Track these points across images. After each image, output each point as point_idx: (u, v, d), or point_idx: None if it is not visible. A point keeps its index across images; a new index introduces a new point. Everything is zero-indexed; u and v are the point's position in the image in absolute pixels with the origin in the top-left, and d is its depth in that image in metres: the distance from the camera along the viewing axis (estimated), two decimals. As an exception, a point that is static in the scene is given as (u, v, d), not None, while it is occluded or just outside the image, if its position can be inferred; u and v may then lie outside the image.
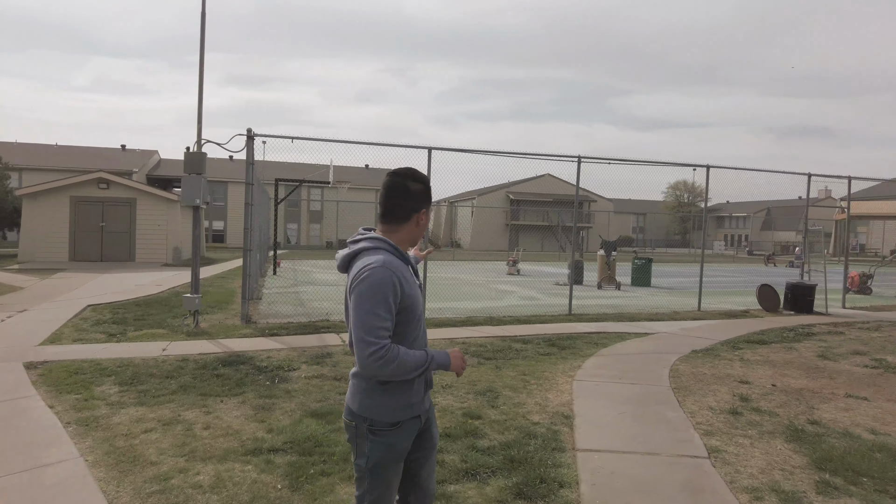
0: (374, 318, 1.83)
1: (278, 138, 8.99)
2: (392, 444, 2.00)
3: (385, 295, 1.85)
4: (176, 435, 4.10)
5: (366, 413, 1.98)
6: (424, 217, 2.08)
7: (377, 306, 1.84)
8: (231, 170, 45.29)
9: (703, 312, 11.31)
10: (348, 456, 3.78)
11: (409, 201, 2.04)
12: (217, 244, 43.22)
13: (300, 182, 17.83)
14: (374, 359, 1.82)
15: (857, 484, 3.60)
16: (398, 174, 2.05)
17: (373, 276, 1.86)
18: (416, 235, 2.08)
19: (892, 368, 6.78)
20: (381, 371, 1.85)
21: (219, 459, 3.70)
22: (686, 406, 5.10)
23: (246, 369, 5.95)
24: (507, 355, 6.93)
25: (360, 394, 2.00)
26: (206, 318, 8.92)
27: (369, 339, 1.82)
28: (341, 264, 2.06)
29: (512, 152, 10.39)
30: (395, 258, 1.96)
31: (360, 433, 2.00)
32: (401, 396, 2.01)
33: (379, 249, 1.97)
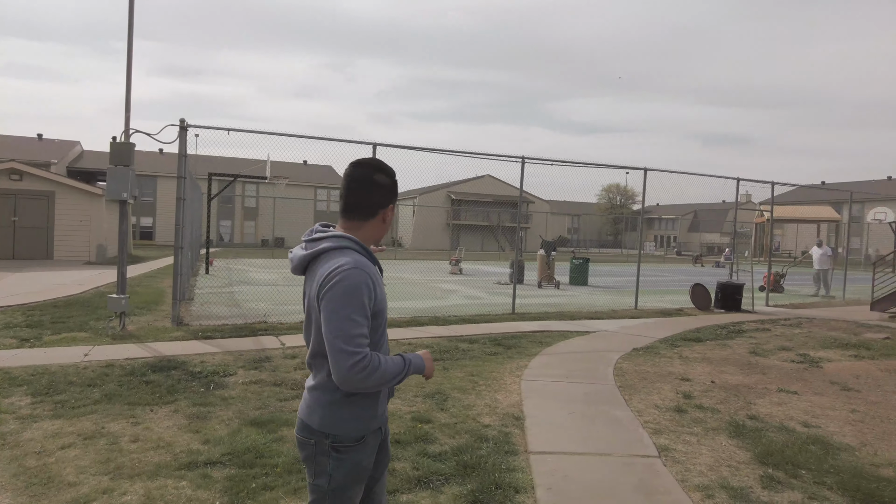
0: (352, 325, 1.65)
1: (213, 130, 8.54)
2: (357, 462, 1.83)
3: (360, 299, 1.68)
4: (99, 450, 3.73)
5: (328, 429, 1.79)
6: (391, 213, 1.91)
7: (354, 312, 1.67)
8: (161, 163, 43.14)
9: (640, 311, 11.64)
10: (293, 467, 3.56)
11: (375, 195, 1.85)
12: (145, 241, 41.07)
13: (235, 177, 17.11)
14: (357, 370, 1.64)
15: (798, 477, 3.72)
16: (363, 165, 1.86)
17: (347, 278, 1.68)
18: (381, 233, 1.91)
19: (815, 363, 7.15)
20: (364, 383, 1.67)
21: (149, 476, 3.39)
22: (633, 404, 5.15)
23: (178, 375, 5.56)
24: (454, 356, 6.83)
25: (322, 408, 1.81)
26: (134, 320, 8.34)
27: (349, 348, 1.64)
28: (297, 266, 1.86)
29: (457, 151, 10.32)
30: (364, 258, 1.79)
31: (320, 451, 1.81)
32: (367, 408, 1.84)
33: (346, 249, 1.78)
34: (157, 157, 44.97)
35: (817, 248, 16.62)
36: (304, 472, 3.50)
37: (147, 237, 42.52)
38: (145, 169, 39.88)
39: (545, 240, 18.11)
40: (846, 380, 6.35)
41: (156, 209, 42.92)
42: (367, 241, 1.88)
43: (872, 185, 49.87)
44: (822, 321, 10.95)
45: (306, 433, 1.83)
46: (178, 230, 7.94)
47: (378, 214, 1.87)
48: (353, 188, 1.84)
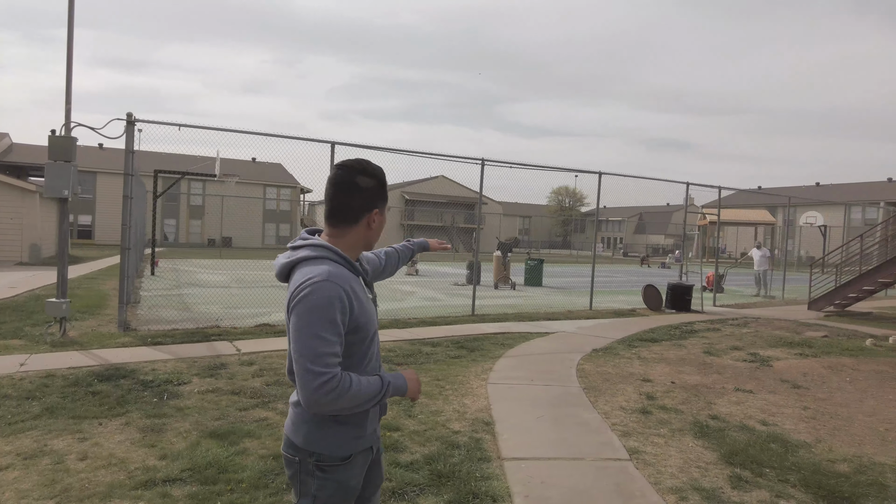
0: (320, 343, 1.54)
1: (162, 125, 8.12)
2: (344, 482, 1.72)
3: (331, 314, 1.56)
4: (42, 471, 3.44)
5: (313, 447, 1.69)
6: (378, 217, 1.77)
7: (323, 328, 1.55)
8: (102, 159, 41.15)
9: (595, 311, 11.84)
10: (259, 482, 3.39)
11: (357, 199, 1.72)
12: (84, 240, 39.04)
13: (183, 174, 16.44)
14: (323, 392, 1.52)
15: (763, 475, 3.81)
16: (345, 167, 1.74)
17: (315, 292, 1.56)
18: (368, 239, 1.79)
19: (765, 362, 7.43)
20: (333, 405, 1.55)
21: (101, 497, 3.14)
22: (599, 407, 5.19)
23: (128, 384, 5.24)
24: (417, 360, 6.72)
25: (306, 424, 1.70)
26: (76, 326, 7.85)
27: (315, 368, 1.52)
28: (280, 273, 1.75)
29: (418, 152, 10.22)
30: (342, 269, 1.66)
31: (305, 470, 1.70)
32: (355, 427, 1.73)
33: (322, 259, 1.66)
34: (97, 153, 42.88)
35: (756, 250, 17.34)
36: (272, 487, 3.33)
37: (86, 236, 40.43)
38: (84, 164, 37.89)
39: (501, 241, 18.23)
40: (795, 378, 6.61)
41: (95, 207, 40.88)
42: (353, 248, 1.76)
43: (802, 190, 52.73)
44: (767, 321, 11.42)
45: (291, 450, 1.72)
46: (126, 229, 7.51)
47: (362, 220, 1.74)
48: (335, 192, 1.72)
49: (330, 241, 1.73)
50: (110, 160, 41.43)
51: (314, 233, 1.79)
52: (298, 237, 1.78)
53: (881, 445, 4.53)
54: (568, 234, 79.30)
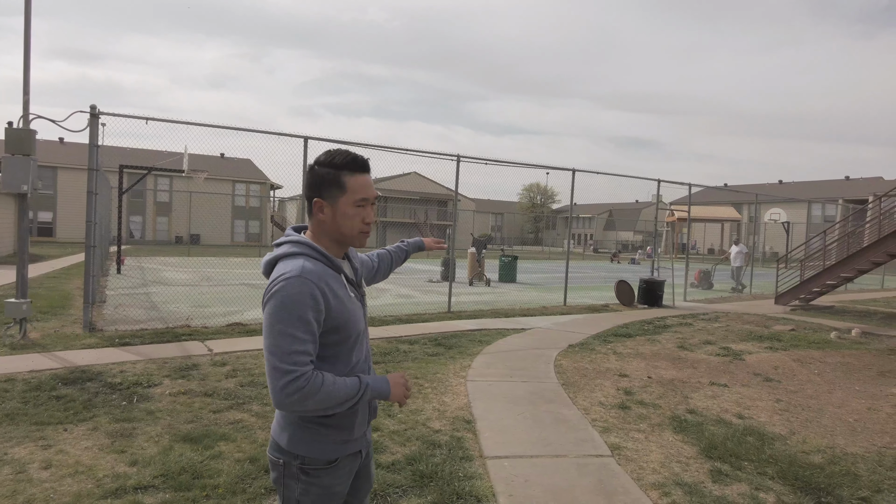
0: (289, 341, 1.48)
1: (128, 118, 7.84)
2: (329, 487, 1.66)
3: (301, 311, 1.50)
4: (2, 482, 3.26)
5: (297, 450, 1.63)
6: (327, 208, 1.64)
7: (292, 325, 1.49)
8: (63, 154, 39.80)
9: (570, 307, 11.92)
10: (236, 487, 3.27)
11: (307, 189, 1.67)
12: (45, 238, 37.77)
13: (149, 170, 15.97)
14: (290, 391, 1.46)
15: (742, 468, 3.85)
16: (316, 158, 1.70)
17: (285, 289, 1.51)
18: (328, 231, 1.66)
19: (738, 355, 7.56)
20: (300, 406, 1.49)
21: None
22: (578, 403, 5.20)
23: (94, 387, 5.03)
24: (395, 358, 6.64)
25: (292, 426, 1.64)
26: (38, 327, 7.53)
27: (283, 366, 1.47)
28: (264, 270, 1.69)
29: (393, 147, 10.11)
30: (319, 265, 1.60)
31: (289, 473, 1.64)
32: (342, 430, 1.66)
33: (296, 255, 1.60)
34: (58, 147, 41.52)
35: (734, 246, 17.67)
36: (249, 492, 3.23)
37: (47, 234, 39.12)
38: (44, 159, 36.63)
39: (476, 238, 18.23)
40: (767, 371, 6.74)
41: (56, 203, 39.55)
42: (329, 243, 1.67)
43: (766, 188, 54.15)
44: (736, 315, 11.66)
45: (276, 453, 1.67)
46: (90, 227, 7.23)
47: (313, 210, 1.66)
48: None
49: (310, 237, 1.68)
50: (72, 155, 40.11)
51: (301, 230, 1.73)
52: (284, 234, 1.73)
53: (851, 436, 4.64)
54: (539, 231, 79.96)
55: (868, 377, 6.64)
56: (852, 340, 9.09)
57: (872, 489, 3.61)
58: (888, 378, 6.63)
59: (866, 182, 49.21)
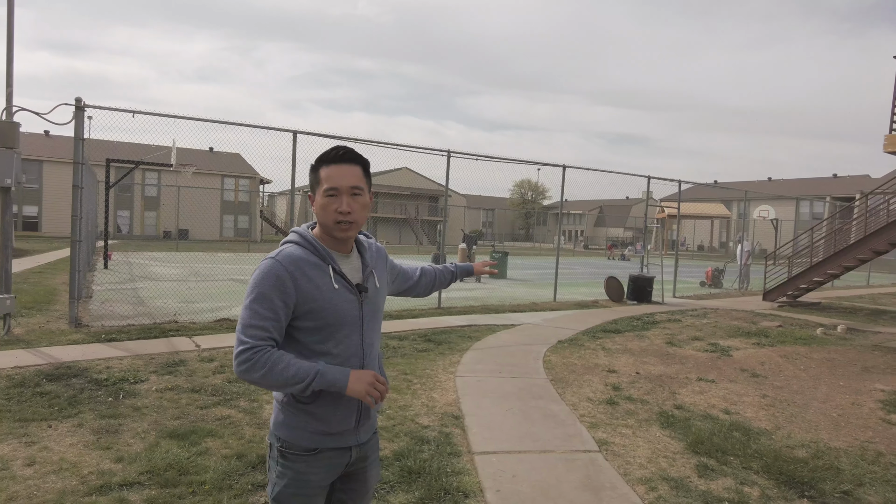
0: (250, 314, 1.59)
1: (115, 112, 7.75)
2: (302, 474, 1.66)
3: (265, 289, 1.60)
4: (-13, 477, 3.23)
5: (279, 432, 1.71)
6: (321, 198, 1.70)
7: (256, 301, 1.60)
8: (48, 147, 39.35)
9: (559, 303, 11.95)
10: (223, 483, 3.26)
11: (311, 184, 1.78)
12: (30, 233, 37.32)
13: (137, 164, 15.81)
14: (240, 360, 1.56)
15: (727, 463, 3.88)
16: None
17: (259, 268, 1.65)
18: (320, 224, 1.73)
19: (725, 351, 7.63)
20: (247, 376, 1.57)
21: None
22: (566, 398, 5.22)
23: (80, 384, 4.98)
24: (385, 354, 6.63)
25: (277, 408, 1.74)
26: (22, 323, 7.45)
27: (240, 336, 1.59)
28: None
29: (382, 142, 10.07)
30: (299, 250, 1.67)
31: (271, 454, 1.74)
32: (318, 420, 1.67)
33: (287, 243, 1.72)
34: (43, 140, 41.02)
35: (740, 245, 17.67)
36: (236, 488, 3.21)
37: (32, 228, 38.65)
38: (29, 152, 36.18)
39: (467, 233, 18.24)
40: (753, 367, 6.80)
41: (42, 197, 39.07)
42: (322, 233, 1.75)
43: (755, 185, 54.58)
44: (725, 311, 11.75)
45: (270, 435, 1.76)
46: (76, 221, 7.15)
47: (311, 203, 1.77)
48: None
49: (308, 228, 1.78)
50: (58, 148, 39.63)
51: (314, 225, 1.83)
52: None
53: (834, 430, 4.69)
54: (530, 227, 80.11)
55: (852, 373, 6.72)
56: (838, 337, 9.19)
57: (854, 483, 3.66)
58: (872, 374, 6.71)
59: (853, 180, 49.73)
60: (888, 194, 13.09)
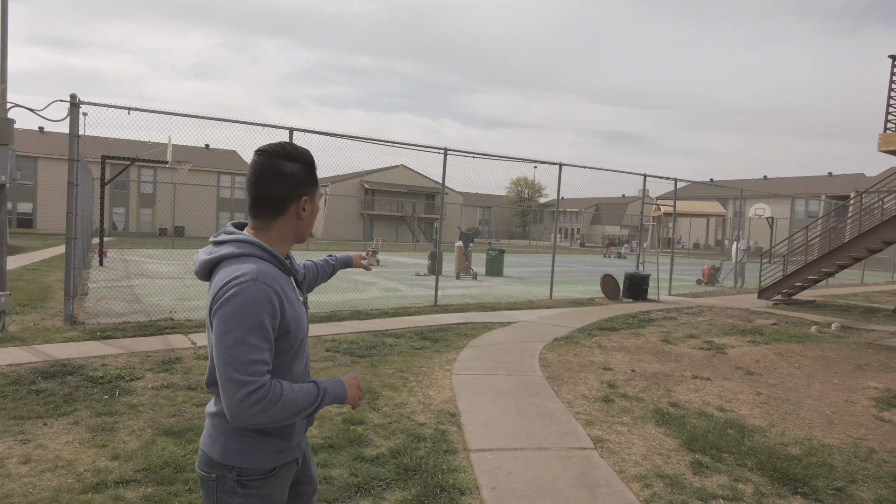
0: (247, 350, 1.39)
1: (110, 108, 7.71)
2: (267, 497, 1.57)
3: (259, 318, 1.41)
4: (-18, 474, 3.23)
5: (233, 461, 1.53)
6: (309, 206, 1.61)
7: (249, 333, 1.40)
8: (43, 144, 39.18)
9: (555, 301, 11.98)
10: (219, 481, 3.25)
11: (283, 188, 1.55)
12: (25, 229, 37.17)
13: (132, 161, 15.76)
14: (249, 402, 1.37)
15: (722, 460, 3.91)
16: (266, 152, 1.55)
17: (242, 293, 1.41)
18: (299, 231, 1.62)
19: (720, 349, 7.66)
20: (260, 417, 1.41)
21: (48, 503, 2.96)
22: (562, 396, 5.23)
23: (75, 381, 4.98)
24: (381, 351, 6.64)
25: (225, 436, 1.54)
26: (17, 320, 7.42)
27: (241, 377, 1.37)
28: (200, 271, 1.57)
29: (379, 140, 10.05)
30: (271, 267, 1.51)
31: (223, 488, 1.53)
32: (280, 439, 1.58)
33: (248, 257, 1.50)
34: (38, 137, 40.86)
35: (735, 243, 17.66)
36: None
37: (27, 225, 38.50)
38: (23, 149, 36.02)
39: (463, 231, 18.23)
40: (748, 364, 6.83)
41: (36, 194, 38.90)
42: (281, 243, 1.60)
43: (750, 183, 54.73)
44: (720, 309, 11.80)
45: (208, 467, 1.55)
46: (71, 218, 7.13)
47: (290, 210, 1.57)
48: (257, 181, 1.54)
49: (256, 236, 1.57)
50: (53, 145, 39.46)
51: (240, 226, 1.63)
52: (222, 230, 1.61)
53: (828, 428, 4.72)
54: (527, 225, 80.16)
55: (846, 370, 6.76)
56: (832, 334, 9.24)
57: (847, 479, 3.69)
58: (865, 371, 6.75)
59: (848, 178, 49.93)
60: (882, 193, 13.15)
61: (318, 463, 3.56)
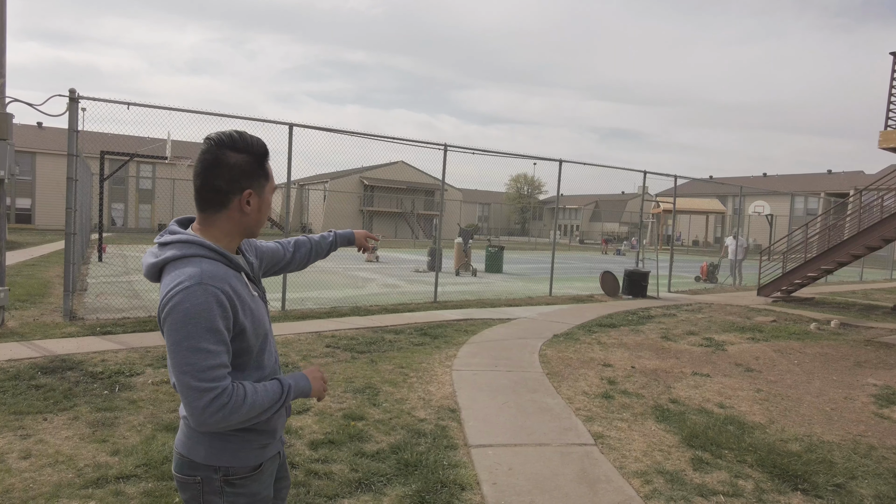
0: (202, 356, 1.33)
1: (109, 103, 7.69)
2: (256, 493, 1.55)
3: (210, 322, 1.35)
4: (-18, 469, 3.22)
5: (218, 461, 1.48)
6: (255, 200, 1.51)
7: (201, 339, 1.34)
8: (41, 139, 39.09)
9: (555, 297, 11.98)
10: (219, 476, 3.25)
11: (221, 179, 1.45)
12: (23, 225, 37.11)
13: (131, 156, 15.72)
14: (212, 409, 1.33)
15: (722, 457, 3.91)
16: (210, 140, 1.47)
17: (188, 299, 1.34)
18: (246, 226, 1.53)
19: (720, 346, 7.66)
20: (226, 422, 1.36)
21: (47, 498, 2.95)
22: (562, 392, 5.24)
23: (75, 377, 4.97)
24: (380, 347, 6.64)
25: (208, 437, 1.48)
26: (16, 315, 7.41)
27: (201, 384, 1.32)
28: (149, 275, 1.50)
29: (378, 135, 10.04)
30: (218, 266, 1.43)
31: (209, 489, 1.48)
32: (264, 434, 1.55)
33: (191, 258, 1.42)
34: (36, 132, 40.75)
35: (733, 240, 17.51)
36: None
37: (25, 220, 38.43)
38: (21, 144, 35.94)
39: (463, 228, 18.22)
40: (748, 361, 6.84)
41: (35, 189, 38.82)
42: (227, 238, 1.51)
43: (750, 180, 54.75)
44: (719, 306, 11.81)
45: (188, 470, 1.49)
46: (71, 214, 7.11)
47: (232, 204, 1.47)
48: (199, 171, 1.46)
49: (200, 232, 1.49)
50: (51, 140, 39.37)
51: (187, 223, 1.56)
52: (166, 230, 1.52)
53: (828, 424, 4.73)
54: (526, 222, 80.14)
55: (845, 367, 6.77)
56: (831, 331, 9.25)
57: (847, 476, 3.69)
58: (864, 368, 6.76)
59: (848, 176, 49.94)
60: (882, 191, 13.16)
61: (319, 458, 3.56)
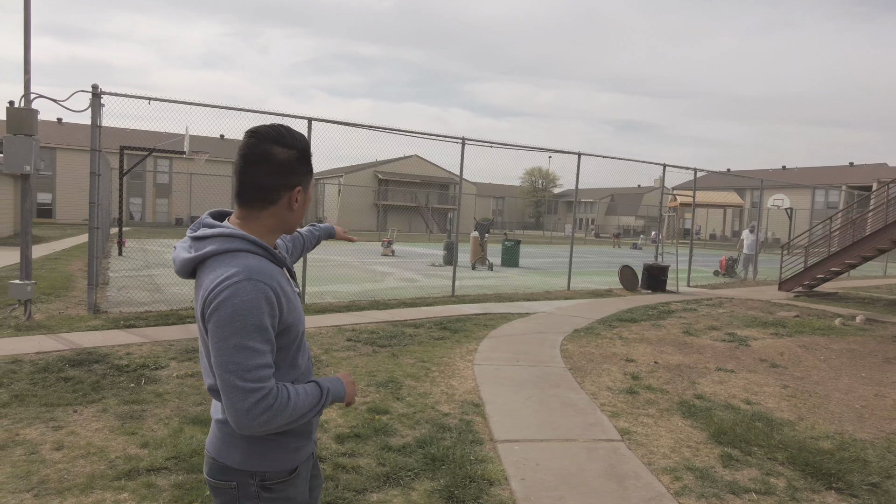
0: (249, 355, 1.29)
1: (131, 98, 7.75)
2: (293, 497, 1.51)
3: (259, 320, 1.30)
4: (16, 462, 3.26)
5: (255, 466, 1.44)
6: (301, 196, 1.48)
7: (249, 337, 1.29)
8: (61, 134, 39.64)
9: (573, 292, 11.91)
10: (248, 469, 3.27)
11: (274, 175, 1.41)
12: (44, 220, 37.68)
13: (151, 151, 15.86)
14: (257, 411, 1.28)
15: (752, 454, 3.85)
16: (258, 134, 1.41)
17: (237, 294, 1.29)
18: (290, 222, 1.50)
19: (743, 341, 7.56)
20: (269, 425, 1.32)
21: (82, 489, 2.99)
22: (585, 387, 5.19)
23: (102, 369, 5.03)
24: (401, 341, 6.64)
25: (244, 442, 1.43)
26: (42, 309, 7.52)
27: (246, 384, 1.28)
28: (182, 271, 1.43)
29: (396, 129, 10.01)
30: (264, 261, 1.38)
31: (246, 494, 1.44)
32: (300, 436, 1.51)
33: (236, 253, 1.37)
34: (56, 127, 41.33)
35: (749, 234, 17.16)
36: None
37: (46, 215, 39.03)
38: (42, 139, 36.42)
39: (479, 221, 18.17)
40: (772, 357, 6.74)
41: (55, 184, 39.41)
42: (269, 234, 1.47)
43: (769, 173, 53.93)
44: (740, 301, 11.65)
45: (223, 475, 1.44)
46: (94, 208, 7.19)
47: (281, 200, 1.44)
48: (245, 166, 1.40)
49: (241, 227, 1.43)
50: (71, 135, 39.91)
51: (221, 216, 1.50)
52: (200, 223, 1.45)
53: (859, 422, 4.64)
54: (541, 216, 79.76)
55: (873, 364, 6.64)
56: (856, 327, 9.08)
57: (882, 475, 3.61)
58: (894, 365, 6.63)
59: (870, 168, 48.99)
60: (909, 183, 12.87)
61: (346, 452, 3.57)
